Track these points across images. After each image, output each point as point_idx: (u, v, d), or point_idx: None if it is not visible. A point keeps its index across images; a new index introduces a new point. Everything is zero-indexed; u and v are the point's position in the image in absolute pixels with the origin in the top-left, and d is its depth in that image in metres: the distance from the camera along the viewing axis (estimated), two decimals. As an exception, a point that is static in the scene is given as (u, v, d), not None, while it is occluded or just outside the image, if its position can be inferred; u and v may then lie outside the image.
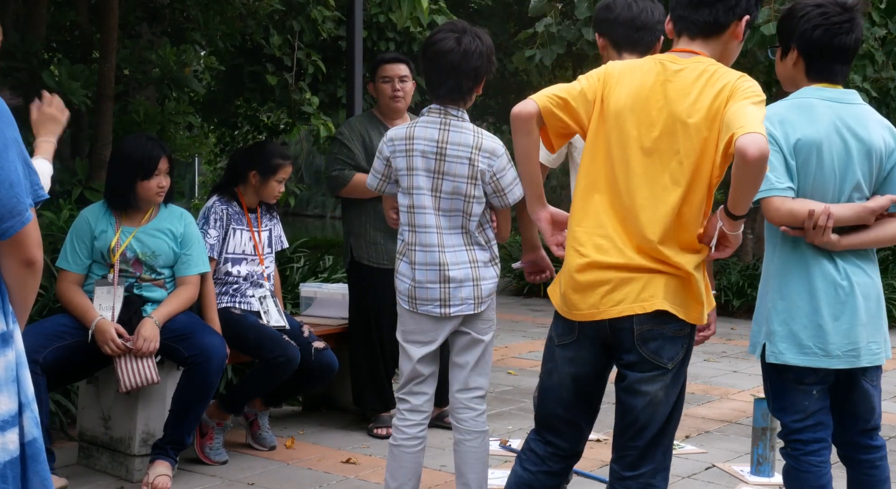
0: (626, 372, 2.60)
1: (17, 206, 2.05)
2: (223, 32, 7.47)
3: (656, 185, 2.54)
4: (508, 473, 2.83)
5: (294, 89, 8.82)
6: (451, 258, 3.30)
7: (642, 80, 2.58)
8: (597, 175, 2.61)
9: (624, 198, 2.56)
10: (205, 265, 4.23)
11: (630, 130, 2.56)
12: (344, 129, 5.03)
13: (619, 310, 2.54)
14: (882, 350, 2.94)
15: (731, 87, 2.49)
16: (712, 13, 2.60)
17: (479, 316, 3.39)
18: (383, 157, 3.37)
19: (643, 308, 2.53)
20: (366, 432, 4.89)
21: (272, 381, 4.34)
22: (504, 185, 3.32)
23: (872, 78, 7.89)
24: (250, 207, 4.62)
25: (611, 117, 2.59)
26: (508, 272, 10.98)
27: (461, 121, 3.33)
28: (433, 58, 3.29)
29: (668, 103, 2.54)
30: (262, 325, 4.37)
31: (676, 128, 2.53)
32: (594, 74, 2.67)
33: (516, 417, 5.30)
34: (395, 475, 3.39)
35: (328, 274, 6.71)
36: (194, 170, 22.62)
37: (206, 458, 4.33)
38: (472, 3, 13.38)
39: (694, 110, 2.51)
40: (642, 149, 2.55)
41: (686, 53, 2.62)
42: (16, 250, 2.10)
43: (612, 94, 2.60)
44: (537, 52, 7.54)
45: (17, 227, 2.06)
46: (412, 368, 3.40)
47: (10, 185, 2.03)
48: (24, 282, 2.15)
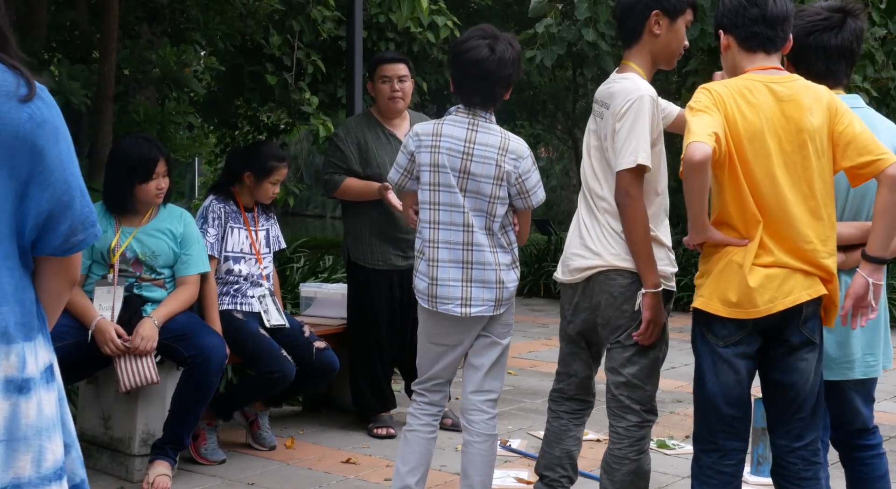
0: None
1: (90, 216, 1.88)
2: (223, 32, 7.46)
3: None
4: (508, 473, 2.85)
5: (294, 89, 8.81)
6: (478, 257, 3.29)
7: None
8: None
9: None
10: (205, 265, 4.23)
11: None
12: (340, 130, 5.02)
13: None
14: (878, 362, 2.97)
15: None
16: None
17: (499, 319, 3.38)
18: (408, 151, 3.33)
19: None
20: (366, 432, 4.89)
21: (264, 393, 4.37)
22: (529, 186, 3.32)
23: (872, 78, 7.88)
24: (247, 207, 4.62)
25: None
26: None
27: (489, 122, 3.32)
28: (467, 65, 3.25)
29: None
30: (261, 336, 4.35)
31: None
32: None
33: (516, 417, 5.30)
34: (406, 460, 3.38)
35: (328, 274, 6.72)
36: (194, 170, 22.62)
37: (204, 459, 4.33)
38: (472, 3, 13.37)
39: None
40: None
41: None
42: (66, 269, 1.91)
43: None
44: (538, 52, 7.54)
45: (90, 239, 1.88)
46: (434, 371, 3.41)
47: (81, 192, 1.86)
48: (62, 304, 1.97)
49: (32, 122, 1.78)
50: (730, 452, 2.83)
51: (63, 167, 1.81)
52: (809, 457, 2.83)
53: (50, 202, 1.80)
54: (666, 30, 3.08)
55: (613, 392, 3.15)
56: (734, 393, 2.79)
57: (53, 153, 1.80)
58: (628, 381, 3.11)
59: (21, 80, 1.78)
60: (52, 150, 1.80)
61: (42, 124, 1.79)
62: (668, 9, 3.06)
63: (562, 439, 3.31)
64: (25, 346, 1.82)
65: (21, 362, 1.80)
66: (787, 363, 2.78)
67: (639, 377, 3.10)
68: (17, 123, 1.76)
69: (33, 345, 1.84)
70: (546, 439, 3.36)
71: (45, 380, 1.86)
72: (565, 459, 3.31)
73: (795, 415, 2.81)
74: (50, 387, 1.88)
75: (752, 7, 2.75)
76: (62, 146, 1.82)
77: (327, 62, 9.24)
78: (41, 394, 1.84)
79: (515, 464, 4.41)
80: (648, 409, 3.14)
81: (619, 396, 3.13)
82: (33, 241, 1.83)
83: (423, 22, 7.02)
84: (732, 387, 2.78)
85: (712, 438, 2.84)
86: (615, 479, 3.13)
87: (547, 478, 3.31)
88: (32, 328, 1.84)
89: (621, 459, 3.12)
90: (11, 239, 1.80)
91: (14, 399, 1.80)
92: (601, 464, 3.21)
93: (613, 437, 3.15)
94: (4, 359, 1.79)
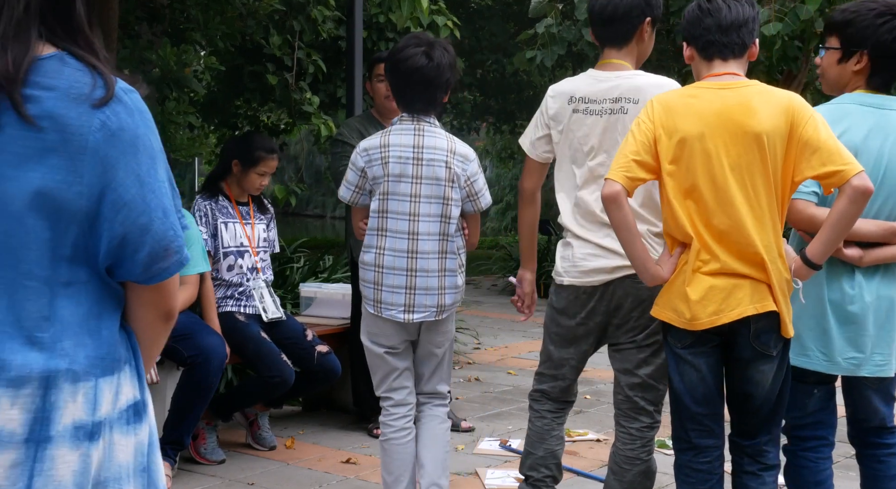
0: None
1: (174, 242, 1.57)
2: (223, 32, 7.46)
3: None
4: (508, 473, 2.84)
5: (294, 89, 8.81)
6: (422, 265, 3.33)
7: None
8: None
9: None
10: (204, 265, 4.23)
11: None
12: (343, 129, 5.04)
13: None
14: (888, 362, 2.92)
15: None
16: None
17: (438, 326, 3.43)
18: (357, 168, 3.39)
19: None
20: (366, 432, 4.89)
21: (264, 396, 4.38)
22: (477, 189, 3.40)
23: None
24: (239, 201, 4.61)
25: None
26: (508, 272, 10.98)
27: (434, 126, 3.39)
28: (406, 74, 3.33)
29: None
30: (262, 340, 4.35)
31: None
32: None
33: (516, 417, 5.30)
34: (389, 469, 3.42)
35: (328, 274, 6.72)
36: (194, 170, 22.60)
37: (203, 459, 4.33)
38: (472, 3, 13.37)
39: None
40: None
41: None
42: (157, 299, 1.62)
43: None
44: (538, 52, 7.54)
45: (173, 269, 1.58)
46: (385, 366, 3.45)
47: (163, 213, 1.55)
48: (158, 338, 1.70)
49: (105, 130, 1.49)
50: (704, 450, 2.84)
51: (141, 184, 1.52)
52: (756, 455, 2.84)
53: (124, 225, 1.52)
54: (648, 38, 3.20)
55: (627, 393, 3.14)
56: (699, 391, 2.80)
57: (130, 167, 1.51)
58: (643, 382, 3.11)
59: (98, 79, 1.50)
60: (129, 164, 1.51)
61: (117, 133, 1.50)
62: (654, 19, 3.19)
63: (545, 439, 3.32)
64: (101, 383, 1.54)
65: (91, 403, 1.53)
66: (743, 374, 2.78)
67: (654, 377, 3.11)
68: (86, 132, 1.48)
69: (113, 381, 1.57)
70: (529, 439, 3.35)
71: (123, 420, 1.59)
72: (549, 459, 3.31)
73: (748, 417, 2.83)
74: (130, 429, 1.60)
75: (707, 17, 2.78)
76: (141, 159, 1.53)
77: (327, 62, 9.22)
78: (114, 438, 1.57)
79: (515, 464, 4.40)
80: (659, 410, 3.16)
81: (634, 397, 3.13)
82: (109, 267, 1.56)
83: (422, 22, 7.00)
84: (696, 384, 2.79)
85: (686, 437, 2.85)
86: (624, 480, 3.13)
87: (531, 478, 3.31)
88: (114, 360, 1.57)
89: (633, 460, 3.13)
90: (75, 263, 1.52)
91: (84, 448, 1.52)
92: (609, 465, 3.21)
93: (625, 438, 3.15)
94: (71, 401, 1.51)
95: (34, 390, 1.48)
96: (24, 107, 1.45)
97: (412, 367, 3.50)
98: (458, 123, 16.67)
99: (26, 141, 1.46)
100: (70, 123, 1.47)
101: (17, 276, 1.49)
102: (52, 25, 1.51)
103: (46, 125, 1.46)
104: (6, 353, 1.48)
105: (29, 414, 1.48)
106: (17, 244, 1.48)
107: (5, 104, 1.45)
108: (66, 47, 1.51)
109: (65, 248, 1.51)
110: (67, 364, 1.51)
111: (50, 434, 1.49)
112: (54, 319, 1.51)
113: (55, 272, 1.51)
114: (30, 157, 1.46)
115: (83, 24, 1.54)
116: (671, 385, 2.86)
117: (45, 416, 1.49)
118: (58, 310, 1.51)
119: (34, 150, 1.46)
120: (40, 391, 1.49)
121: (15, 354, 1.48)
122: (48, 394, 1.49)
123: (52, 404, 1.49)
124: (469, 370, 6.61)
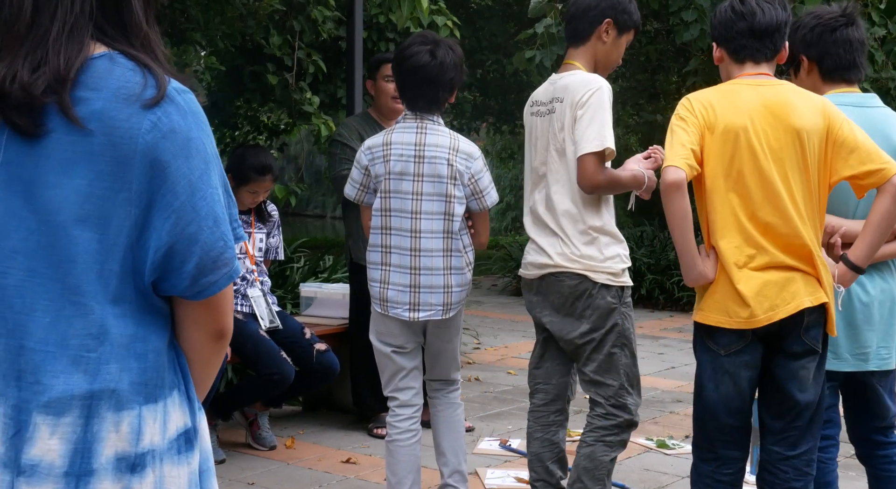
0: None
1: (225, 254, 1.44)
2: (223, 32, 7.47)
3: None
4: (508, 473, 2.85)
5: (294, 89, 8.81)
6: (426, 263, 3.34)
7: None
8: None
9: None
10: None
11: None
12: (342, 130, 5.04)
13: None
14: (892, 356, 2.94)
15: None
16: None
17: (446, 322, 3.44)
18: (361, 166, 3.41)
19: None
20: (366, 432, 4.89)
21: (264, 394, 4.38)
22: (482, 187, 3.39)
23: (872, 78, 7.89)
24: (239, 209, 4.59)
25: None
26: (508, 272, 10.97)
27: (437, 124, 3.39)
28: (410, 72, 3.35)
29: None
30: (261, 337, 4.37)
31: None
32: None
33: (516, 417, 5.30)
34: (394, 471, 3.42)
35: (328, 274, 6.72)
36: (194, 170, 22.59)
37: (204, 459, 4.33)
38: (472, 3, 13.37)
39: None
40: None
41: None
42: (206, 317, 1.49)
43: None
44: (537, 52, 7.54)
45: (223, 283, 1.46)
46: (392, 366, 3.46)
47: (214, 221, 1.43)
48: (211, 360, 1.56)
49: (156, 131, 1.39)
50: (728, 461, 2.80)
51: (192, 189, 1.40)
52: (802, 466, 2.77)
53: (171, 234, 1.40)
54: (612, 40, 3.21)
55: (584, 387, 3.36)
56: (735, 403, 2.75)
57: (181, 171, 1.40)
58: (591, 379, 3.25)
59: (150, 79, 1.40)
60: (180, 168, 1.40)
61: (169, 135, 1.39)
62: (619, 21, 3.19)
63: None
64: (145, 410, 1.43)
65: (135, 433, 1.42)
66: (788, 371, 2.73)
67: (598, 373, 3.21)
68: (136, 134, 1.37)
69: (160, 408, 1.45)
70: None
71: (174, 450, 1.46)
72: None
73: (792, 422, 2.76)
74: (182, 459, 1.47)
75: (740, 20, 2.76)
76: (194, 163, 1.41)
77: (327, 62, 9.23)
78: (164, 469, 1.45)
79: (515, 464, 4.41)
80: (619, 405, 3.21)
81: (588, 391, 3.31)
82: (154, 281, 1.44)
83: (423, 22, 7.00)
84: (733, 397, 2.75)
85: (711, 447, 2.82)
86: (578, 464, 3.23)
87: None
88: (159, 386, 1.45)
89: (581, 443, 3.24)
90: (124, 279, 1.41)
91: (126, 481, 1.41)
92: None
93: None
94: (114, 431, 1.40)
95: (75, 419, 1.38)
96: (73, 109, 1.36)
97: (420, 368, 3.52)
98: (459, 123, 16.66)
99: (74, 145, 1.37)
100: (119, 125, 1.37)
101: (63, 292, 1.38)
102: (106, 25, 1.43)
103: (94, 127, 1.37)
104: (47, 377, 1.38)
105: (70, 444, 1.38)
106: (63, 257, 1.38)
107: (54, 107, 1.37)
108: (121, 47, 1.43)
109: (113, 263, 1.40)
110: (112, 389, 1.40)
111: (92, 467, 1.39)
112: (104, 339, 1.40)
113: (104, 288, 1.40)
114: (77, 162, 1.37)
115: (141, 22, 1.47)
116: (702, 393, 2.81)
117: (86, 448, 1.39)
118: (109, 329, 1.40)
119: (81, 155, 1.37)
120: (81, 420, 1.39)
121: (57, 377, 1.38)
122: (90, 423, 1.39)
123: (95, 435, 1.39)
124: (469, 370, 6.60)
